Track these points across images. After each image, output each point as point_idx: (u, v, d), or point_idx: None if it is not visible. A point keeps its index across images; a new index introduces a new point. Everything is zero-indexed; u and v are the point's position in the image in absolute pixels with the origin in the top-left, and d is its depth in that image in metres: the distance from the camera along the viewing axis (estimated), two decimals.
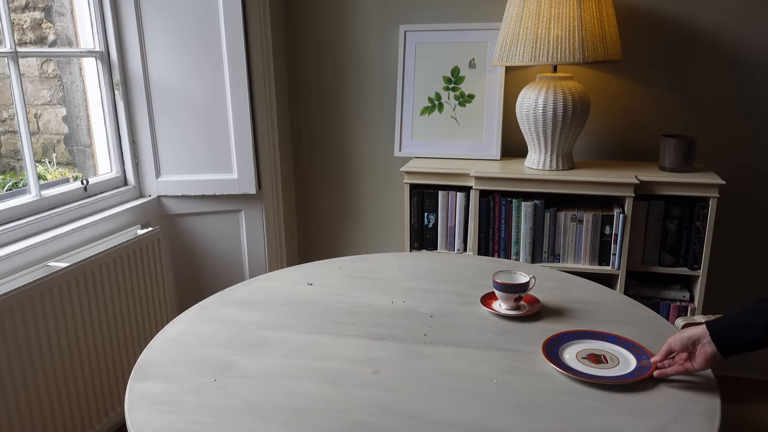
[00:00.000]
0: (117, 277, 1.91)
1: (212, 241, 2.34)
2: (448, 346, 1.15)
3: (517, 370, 1.06)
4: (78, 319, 1.76)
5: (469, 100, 2.25)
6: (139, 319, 2.03)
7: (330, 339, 1.18)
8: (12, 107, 2.50)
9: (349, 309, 1.26)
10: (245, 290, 1.44)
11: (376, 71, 2.42)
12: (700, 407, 0.94)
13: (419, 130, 2.31)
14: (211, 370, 1.08)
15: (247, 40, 2.14)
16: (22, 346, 1.59)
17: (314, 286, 1.45)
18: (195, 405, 0.97)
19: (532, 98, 1.97)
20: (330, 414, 0.94)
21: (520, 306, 1.29)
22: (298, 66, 2.50)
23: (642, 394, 0.98)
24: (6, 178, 3.58)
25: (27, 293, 1.59)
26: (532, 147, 2.07)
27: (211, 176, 2.24)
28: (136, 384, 1.04)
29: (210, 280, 2.35)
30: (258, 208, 2.33)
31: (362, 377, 1.04)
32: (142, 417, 0.95)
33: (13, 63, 1.77)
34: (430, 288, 1.25)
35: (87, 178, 2.08)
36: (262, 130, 2.25)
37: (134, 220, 2.14)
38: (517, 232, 2.04)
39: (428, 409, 0.95)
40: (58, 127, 3.51)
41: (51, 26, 3.39)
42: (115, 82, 2.14)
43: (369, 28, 2.39)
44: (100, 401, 1.86)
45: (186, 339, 1.20)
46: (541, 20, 1.85)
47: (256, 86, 2.21)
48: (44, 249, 1.77)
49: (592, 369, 1.05)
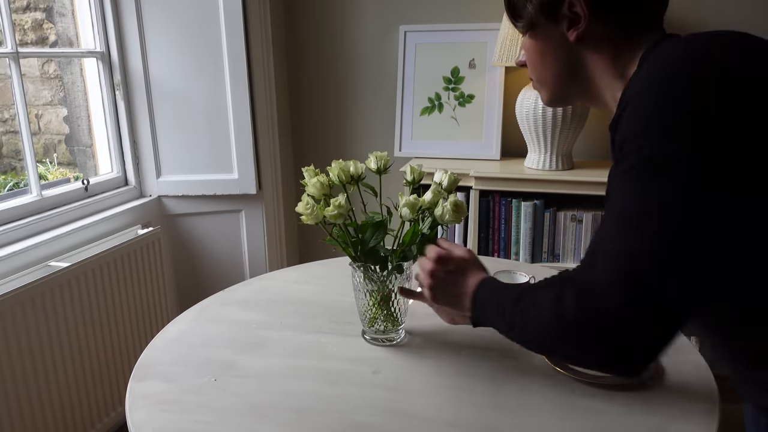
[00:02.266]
0: (118, 276, 1.91)
1: (213, 241, 2.34)
2: (448, 346, 1.15)
3: (517, 370, 1.06)
4: (79, 318, 1.77)
5: (469, 100, 2.26)
6: (140, 318, 2.04)
7: (330, 339, 1.18)
8: (13, 107, 2.51)
9: (349, 309, 1.26)
10: (246, 290, 1.44)
11: (376, 71, 2.42)
12: (700, 407, 0.94)
13: (419, 130, 2.31)
14: (212, 369, 1.08)
15: (248, 40, 2.15)
16: (23, 346, 1.59)
17: (315, 286, 1.45)
18: (195, 404, 0.98)
19: (532, 98, 1.97)
20: (330, 414, 0.94)
21: None
22: (299, 66, 2.50)
23: (642, 394, 0.98)
24: (7, 178, 3.58)
25: (28, 293, 1.59)
26: (531, 147, 2.07)
27: (211, 176, 2.24)
28: (136, 383, 1.04)
29: (210, 279, 2.35)
30: (258, 208, 2.33)
31: (362, 377, 1.04)
32: (142, 416, 0.95)
33: (14, 63, 1.78)
34: None
35: (88, 178, 2.08)
36: (262, 130, 2.26)
37: (135, 220, 2.14)
38: (516, 232, 2.04)
39: (428, 409, 0.95)
40: (59, 128, 3.51)
41: (52, 27, 3.39)
42: (116, 83, 2.14)
43: (369, 28, 2.39)
44: (100, 401, 1.87)
45: (186, 339, 1.20)
46: None
47: (256, 86, 2.21)
48: (45, 249, 1.77)
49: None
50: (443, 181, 1.13)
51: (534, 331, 0.75)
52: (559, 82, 0.87)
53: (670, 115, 0.65)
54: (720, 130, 0.64)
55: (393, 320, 1.15)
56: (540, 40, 0.85)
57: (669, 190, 0.64)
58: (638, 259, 0.65)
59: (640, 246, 0.65)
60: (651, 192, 0.65)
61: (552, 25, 0.82)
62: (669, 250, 0.64)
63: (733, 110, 0.65)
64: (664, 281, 0.64)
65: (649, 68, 0.72)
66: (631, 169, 0.66)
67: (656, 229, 0.64)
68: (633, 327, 0.65)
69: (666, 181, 0.64)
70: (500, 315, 0.82)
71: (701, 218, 0.63)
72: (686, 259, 0.64)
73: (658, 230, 0.64)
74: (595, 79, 0.83)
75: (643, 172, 0.65)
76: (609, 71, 0.82)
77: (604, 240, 0.69)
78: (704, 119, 0.64)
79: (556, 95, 0.89)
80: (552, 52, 0.84)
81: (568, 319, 0.69)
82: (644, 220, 0.65)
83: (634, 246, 0.65)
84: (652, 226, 0.64)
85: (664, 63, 0.70)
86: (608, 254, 0.67)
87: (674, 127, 0.65)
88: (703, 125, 0.64)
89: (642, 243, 0.65)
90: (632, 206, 0.66)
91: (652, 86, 0.68)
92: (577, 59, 0.83)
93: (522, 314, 0.77)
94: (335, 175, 1.14)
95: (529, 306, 0.76)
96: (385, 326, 1.15)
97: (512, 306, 0.79)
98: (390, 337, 1.16)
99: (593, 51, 0.81)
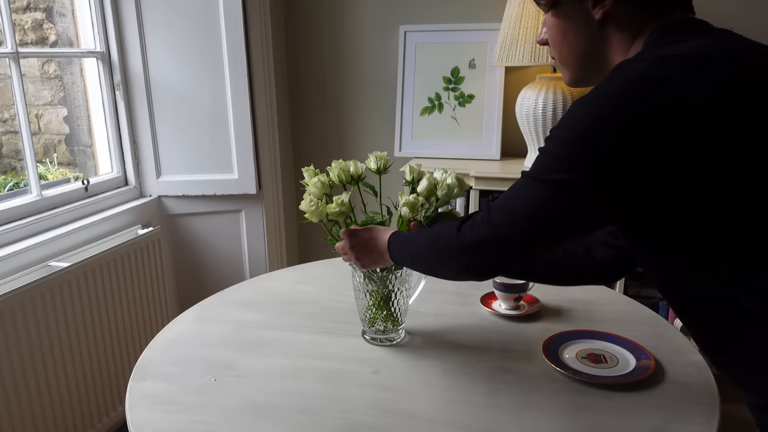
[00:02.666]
0: (118, 276, 1.91)
1: (213, 241, 2.34)
2: (448, 346, 1.15)
3: (517, 370, 1.06)
4: (79, 318, 1.77)
5: (469, 100, 2.26)
6: (140, 318, 2.04)
7: (330, 339, 1.18)
8: (13, 107, 2.51)
9: (349, 309, 1.26)
10: (245, 290, 1.44)
11: (376, 71, 2.42)
12: (700, 407, 0.94)
13: (419, 130, 2.31)
14: (212, 369, 1.08)
15: (248, 39, 2.15)
16: (23, 346, 1.59)
17: (314, 286, 1.45)
18: (195, 404, 0.98)
19: (532, 98, 1.97)
20: (330, 414, 0.94)
21: (520, 306, 1.29)
22: (299, 66, 2.50)
23: (642, 394, 0.98)
24: (7, 178, 3.58)
25: (28, 293, 1.59)
26: (531, 147, 2.07)
27: (211, 176, 2.24)
28: (136, 383, 1.04)
29: (210, 279, 2.35)
30: (258, 208, 2.33)
31: (362, 377, 1.04)
32: (142, 416, 0.95)
33: (14, 63, 1.78)
34: (429, 288, 1.25)
35: (88, 178, 2.08)
36: (262, 129, 2.26)
37: (135, 220, 2.14)
38: None
39: (428, 409, 0.95)
40: (59, 128, 3.51)
41: (52, 27, 3.39)
42: (116, 83, 2.14)
43: (369, 29, 2.39)
44: (100, 401, 1.87)
45: (186, 339, 1.20)
46: (541, 20, 1.85)
47: (256, 86, 2.21)
48: (45, 249, 1.77)
49: (592, 369, 1.05)
50: (447, 181, 1.13)
51: (426, 249, 0.92)
52: (582, 62, 0.86)
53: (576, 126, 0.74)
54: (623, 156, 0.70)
55: (393, 320, 1.15)
56: (563, 17, 0.85)
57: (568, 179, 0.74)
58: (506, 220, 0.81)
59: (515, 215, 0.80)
60: (535, 185, 0.78)
61: (576, 2, 0.82)
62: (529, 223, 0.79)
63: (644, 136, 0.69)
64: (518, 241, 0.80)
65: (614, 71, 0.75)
66: (540, 154, 0.80)
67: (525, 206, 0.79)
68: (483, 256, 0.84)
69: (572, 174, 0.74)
70: (405, 249, 0.98)
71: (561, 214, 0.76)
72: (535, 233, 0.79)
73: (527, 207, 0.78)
74: (616, 59, 0.83)
75: (540, 166, 0.78)
76: (622, 57, 0.81)
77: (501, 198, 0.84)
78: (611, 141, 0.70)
79: (579, 75, 0.88)
80: (575, 30, 0.84)
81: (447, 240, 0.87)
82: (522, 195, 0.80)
83: (511, 208, 0.80)
84: (527, 202, 0.79)
85: (615, 73, 0.74)
86: (496, 207, 0.83)
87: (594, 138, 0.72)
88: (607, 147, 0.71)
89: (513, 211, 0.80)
90: (522, 184, 0.81)
91: (593, 90, 0.74)
92: (600, 38, 0.83)
93: (421, 239, 0.94)
94: (335, 175, 1.14)
95: (428, 232, 0.93)
96: (385, 326, 1.15)
97: (416, 239, 0.96)
98: (390, 337, 1.16)
99: (615, 30, 0.81)
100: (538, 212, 0.77)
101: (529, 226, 0.78)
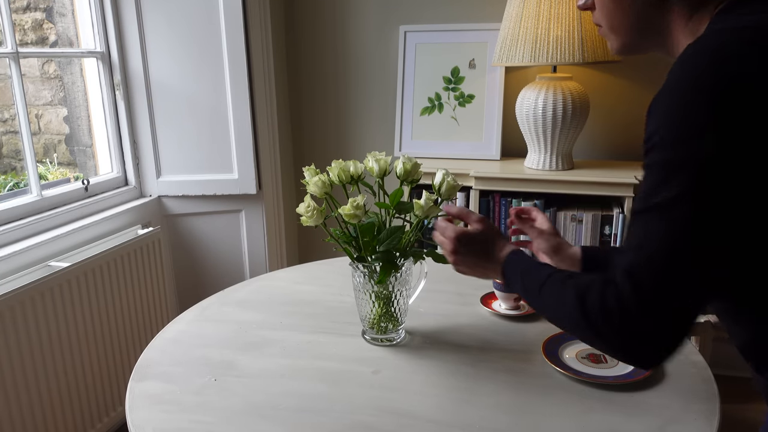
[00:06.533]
0: (118, 277, 1.91)
1: (213, 241, 2.34)
2: (448, 346, 1.15)
3: (517, 370, 1.06)
4: (79, 318, 1.77)
5: (469, 100, 2.26)
6: (140, 318, 2.04)
7: (330, 339, 1.18)
8: (13, 107, 2.51)
9: (349, 309, 1.26)
10: (245, 290, 1.44)
11: (376, 71, 2.42)
12: (699, 407, 0.94)
13: (419, 130, 2.31)
14: (212, 369, 1.08)
15: (248, 39, 2.15)
16: (23, 346, 1.59)
17: (314, 286, 1.45)
18: (195, 404, 0.98)
19: (532, 98, 1.97)
20: (330, 414, 0.94)
21: (520, 306, 1.29)
22: (299, 66, 2.50)
23: (642, 394, 0.98)
24: (7, 178, 3.58)
25: (28, 293, 1.59)
26: (531, 147, 2.07)
27: (211, 176, 2.24)
28: (136, 384, 1.04)
29: (210, 280, 2.35)
30: (258, 208, 2.33)
31: (362, 377, 1.04)
32: (142, 416, 0.95)
33: (14, 63, 1.78)
34: (429, 288, 1.25)
35: (88, 178, 2.08)
36: (262, 129, 2.26)
37: (135, 220, 2.14)
38: None
39: (428, 409, 0.95)
40: (59, 128, 3.51)
41: (52, 27, 3.39)
42: (116, 83, 2.14)
43: (369, 29, 2.39)
44: (100, 401, 1.87)
45: (186, 339, 1.20)
46: (540, 20, 1.85)
47: (256, 86, 2.21)
48: (45, 249, 1.77)
49: (592, 369, 1.05)
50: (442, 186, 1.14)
51: (556, 317, 0.81)
52: (634, 32, 0.82)
53: (687, 110, 0.65)
54: (736, 134, 0.63)
55: (393, 320, 1.15)
56: None
57: (682, 189, 0.65)
58: (647, 257, 0.67)
59: (654, 245, 0.67)
60: (668, 187, 0.66)
61: None
62: (674, 252, 0.65)
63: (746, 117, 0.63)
64: (669, 285, 0.66)
65: (689, 50, 0.69)
66: (651, 165, 0.68)
67: (664, 230, 0.66)
68: (644, 330, 0.68)
69: (681, 179, 0.65)
70: (525, 293, 0.88)
71: (709, 221, 0.64)
72: (689, 261, 0.65)
73: (667, 232, 0.66)
74: (672, 32, 0.79)
75: (660, 168, 0.67)
76: (681, 29, 0.78)
77: (631, 235, 0.71)
78: (722, 120, 0.63)
79: (629, 44, 0.84)
80: None
81: (590, 315, 0.72)
82: (659, 218, 0.67)
83: (649, 244, 0.67)
84: (664, 224, 0.66)
85: (695, 51, 0.68)
86: (630, 249, 0.69)
87: (692, 124, 0.64)
88: (721, 127, 0.63)
89: (651, 241, 0.67)
90: (649, 202, 0.68)
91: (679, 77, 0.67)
92: (655, 10, 0.78)
93: (544, 299, 0.83)
94: (335, 175, 1.14)
95: (553, 292, 0.81)
96: (386, 326, 1.15)
97: (537, 291, 0.84)
98: (390, 337, 1.16)
99: (673, 3, 0.77)
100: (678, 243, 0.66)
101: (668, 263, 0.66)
